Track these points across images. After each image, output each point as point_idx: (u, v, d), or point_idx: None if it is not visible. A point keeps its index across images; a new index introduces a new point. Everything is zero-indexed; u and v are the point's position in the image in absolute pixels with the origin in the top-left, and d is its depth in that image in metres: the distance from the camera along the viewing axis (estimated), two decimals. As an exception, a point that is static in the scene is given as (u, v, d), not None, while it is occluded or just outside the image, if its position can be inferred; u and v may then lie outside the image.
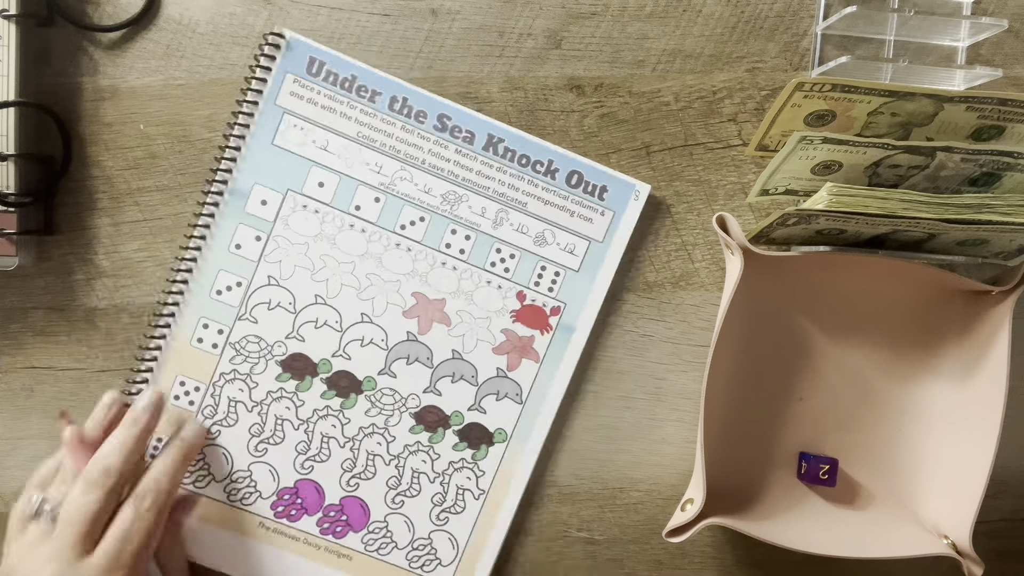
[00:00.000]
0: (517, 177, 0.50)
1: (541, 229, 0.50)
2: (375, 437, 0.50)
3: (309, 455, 0.50)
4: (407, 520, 0.50)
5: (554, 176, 0.50)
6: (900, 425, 0.51)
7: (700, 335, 0.52)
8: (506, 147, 0.49)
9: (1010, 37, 0.51)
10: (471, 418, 0.50)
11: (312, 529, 0.50)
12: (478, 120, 0.49)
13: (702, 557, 0.53)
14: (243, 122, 0.48)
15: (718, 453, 0.50)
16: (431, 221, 0.50)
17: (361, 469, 0.50)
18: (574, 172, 0.50)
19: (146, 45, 0.49)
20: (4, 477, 0.50)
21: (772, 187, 0.47)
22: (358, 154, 0.49)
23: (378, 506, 0.50)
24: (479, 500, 0.51)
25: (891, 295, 0.50)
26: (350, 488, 0.50)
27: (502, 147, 0.49)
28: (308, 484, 0.50)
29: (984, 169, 0.44)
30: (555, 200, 0.50)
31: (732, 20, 0.51)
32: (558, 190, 0.50)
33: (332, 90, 0.49)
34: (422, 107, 0.49)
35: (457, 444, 0.50)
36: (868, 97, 0.44)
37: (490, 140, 0.49)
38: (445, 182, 0.49)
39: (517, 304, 0.50)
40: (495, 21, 0.50)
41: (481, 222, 0.50)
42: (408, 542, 0.50)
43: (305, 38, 0.48)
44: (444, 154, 0.49)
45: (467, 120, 0.49)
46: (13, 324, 0.50)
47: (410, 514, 0.50)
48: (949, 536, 0.48)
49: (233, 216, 0.49)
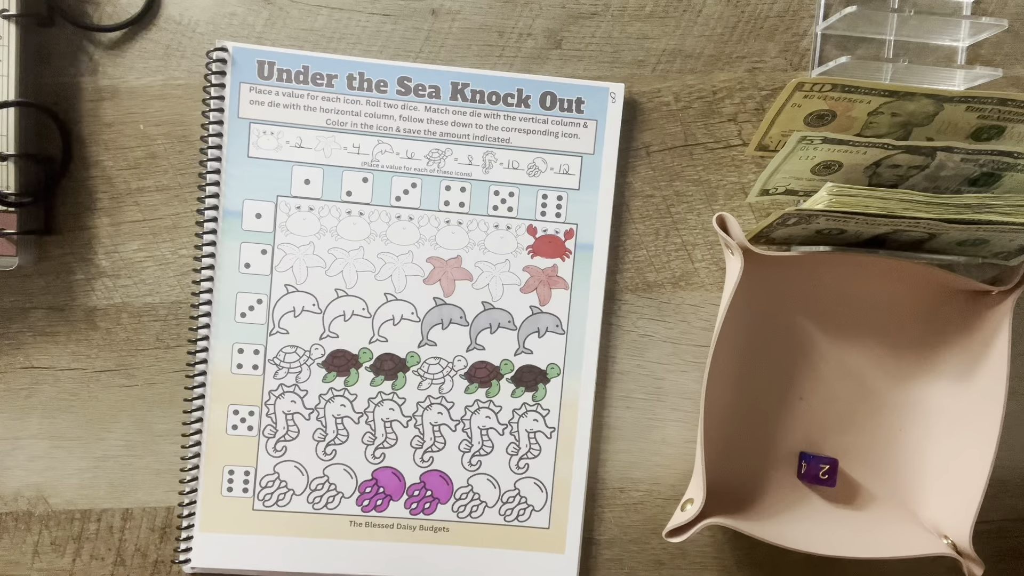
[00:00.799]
0: (492, 116, 0.49)
1: (531, 159, 0.50)
2: (434, 408, 0.50)
3: (377, 444, 0.50)
4: (490, 478, 0.51)
5: (527, 104, 0.50)
6: (900, 425, 0.51)
7: (700, 335, 0.52)
8: (472, 90, 0.49)
9: (1010, 37, 0.51)
10: (520, 362, 0.51)
11: (402, 513, 0.50)
12: (438, 72, 0.49)
13: (702, 557, 0.53)
14: (214, 144, 0.48)
15: (718, 453, 0.50)
16: (423, 184, 0.50)
17: (430, 442, 0.50)
18: (546, 94, 0.50)
19: (146, 45, 0.49)
20: (4, 477, 0.50)
21: (772, 187, 0.47)
22: (333, 141, 0.49)
23: (458, 473, 0.51)
24: (552, 438, 0.51)
25: (891, 295, 0.50)
26: (425, 463, 0.50)
27: (469, 91, 0.49)
28: (385, 472, 0.50)
29: (984, 169, 0.44)
30: (536, 127, 0.50)
31: (732, 20, 0.51)
32: (536, 116, 0.50)
33: (289, 87, 0.49)
34: (380, 76, 0.49)
35: (515, 391, 0.51)
36: (868, 97, 0.44)
37: (455, 88, 0.49)
38: (425, 142, 0.49)
39: (530, 239, 0.50)
40: (495, 21, 0.50)
41: (471, 171, 0.50)
42: (497, 498, 0.51)
43: (246, 44, 0.48)
44: (415, 115, 0.49)
45: (427, 76, 0.49)
46: (13, 324, 0.50)
47: (491, 471, 0.51)
48: (949, 536, 0.48)
49: (233, 237, 0.49)
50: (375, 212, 0.50)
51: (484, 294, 0.50)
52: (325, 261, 0.50)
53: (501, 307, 0.50)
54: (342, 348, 0.50)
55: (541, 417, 0.51)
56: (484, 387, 0.51)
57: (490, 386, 0.51)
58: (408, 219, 0.50)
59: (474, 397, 0.51)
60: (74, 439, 0.50)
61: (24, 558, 0.51)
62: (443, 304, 0.50)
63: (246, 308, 0.49)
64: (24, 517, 0.51)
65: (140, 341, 0.50)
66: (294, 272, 0.50)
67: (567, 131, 0.50)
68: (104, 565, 0.51)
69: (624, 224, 0.51)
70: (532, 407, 0.51)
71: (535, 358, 0.51)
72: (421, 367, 0.50)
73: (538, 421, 0.51)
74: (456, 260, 0.50)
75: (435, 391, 0.50)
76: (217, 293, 0.49)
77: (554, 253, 0.50)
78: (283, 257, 0.49)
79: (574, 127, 0.50)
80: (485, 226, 0.50)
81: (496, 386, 0.51)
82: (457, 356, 0.50)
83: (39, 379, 0.50)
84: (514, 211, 0.50)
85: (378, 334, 0.50)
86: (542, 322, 0.50)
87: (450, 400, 0.51)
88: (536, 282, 0.50)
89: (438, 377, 0.50)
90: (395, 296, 0.50)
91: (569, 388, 0.51)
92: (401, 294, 0.50)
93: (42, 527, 0.51)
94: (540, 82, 0.49)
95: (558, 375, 0.51)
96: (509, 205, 0.50)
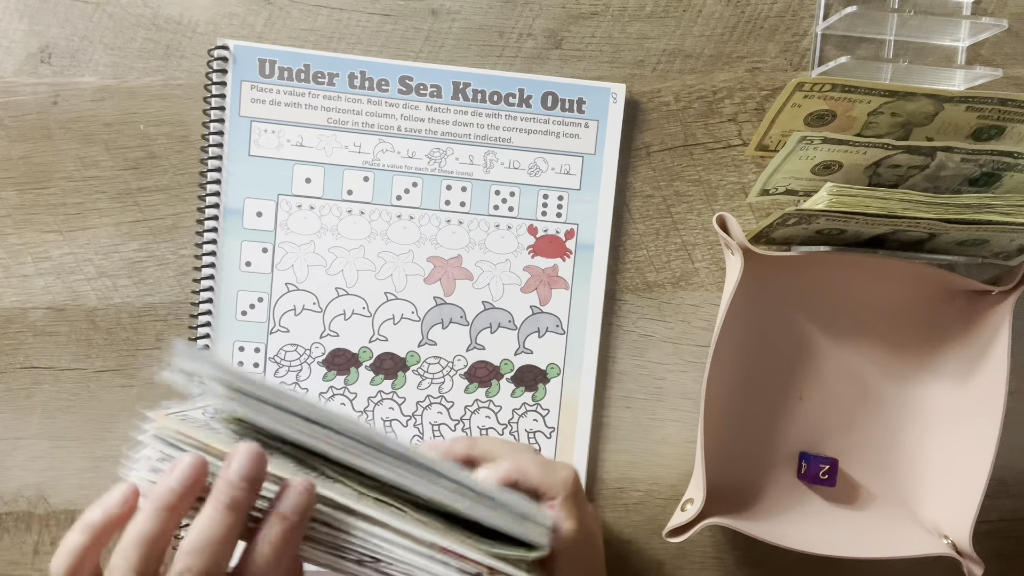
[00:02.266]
0: (494, 115, 0.49)
1: (532, 159, 0.50)
2: (434, 408, 0.50)
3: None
4: None
5: (529, 104, 0.50)
6: (900, 425, 0.51)
7: (700, 335, 0.52)
8: (474, 89, 0.49)
9: (1010, 37, 0.51)
10: (520, 362, 0.51)
11: None
12: (439, 72, 0.49)
13: (702, 557, 0.53)
14: (215, 142, 0.48)
15: (718, 453, 0.50)
16: (424, 184, 0.50)
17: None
18: (547, 94, 0.50)
19: (146, 45, 0.49)
20: (4, 477, 0.50)
21: (772, 187, 0.47)
22: (334, 140, 0.49)
23: None
24: (551, 438, 0.51)
25: (891, 295, 0.50)
26: None
27: (470, 91, 0.49)
28: None
29: (984, 169, 0.44)
30: (537, 127, 0.50)
31: (732, 20, 0.51)
32: (537, 116, 0.50)
33: (290, 85, 0.49)
34: (382, 76, 0.49)
35: (514, 391, 0.51)
36: (868, 97, 0.44)
37: (457, 88, 0.49)
38: (426, 142, 0.49)
39: (531, 239, 0.50)
40: (495, 21, 0.50)
41: (472, 170, 0.50)
42: None
43: (248, 42, 0.48)
44: (416, 115, 0.49)
45: (429, 75, 0.49)
46: (13, 324, 0.50)
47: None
48: (949, 536, 0.48)
49: (234, 235, 0.49)
50: (376, 211, 0.50)
51: (484, 294, 0.50)
52: (326, 260, 0.50)
53: (501, 307, 0.50)
54: (342, 347, 0.50)
55: (541, 417, 0.51)
56: (484, 387, 0.51)
57: (490, 386, 0.51)
58: (409, 218, 0.50)
59: (474, 397, 0.51)
60: (74, 439, 0.50)
61: (24, 558, 0.51)
62: (443, 303, 0.50)
63: (247, 307, 0.49)
64: (24, 517, 0.51)
65: (140, 341, 0.50)
66: (295, 271, 0.50)
67: (568, 131, 0.50)
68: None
69: (624, 224, 0.51)
70: (532, 407, 0.51)
71: (535, 358, 0.51)
72: (421, 366, 0.50)
73: (538, 421, 0.51)
74: (456, 260, 0.50)
75: (435, 391, 0.50)
76: (218, 291, 0.49)
77: (555, 253, 0.50)
78: (284, 256, 0.49)
79: (575, 127, 0.50)
80: (486, 226, 0.50)
81: (496, 386, 0.51)
82: (457, 356, 0.50)
83: (39, 379, 0.50)
84: (515, 211, 0.50)
85: (378, 333, 0.50)
86: (542, 322, 0.50)
87: (450, 400, 0.50)
88: (536, 282, 0.50)
89: (438, 377, 0.50)
90: (395, 295, 0.50)
91: (569, 388, 0.51)
92: (401, 293, 0.50)
93: (42, 527, 0.51)
94: (541, 82, 0.49)
95: (558, 375, 0.51)
96: (510, 205, 0.50)
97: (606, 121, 0.50)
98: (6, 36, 0.48)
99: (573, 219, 0.50)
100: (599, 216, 0.50)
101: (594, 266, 0.50)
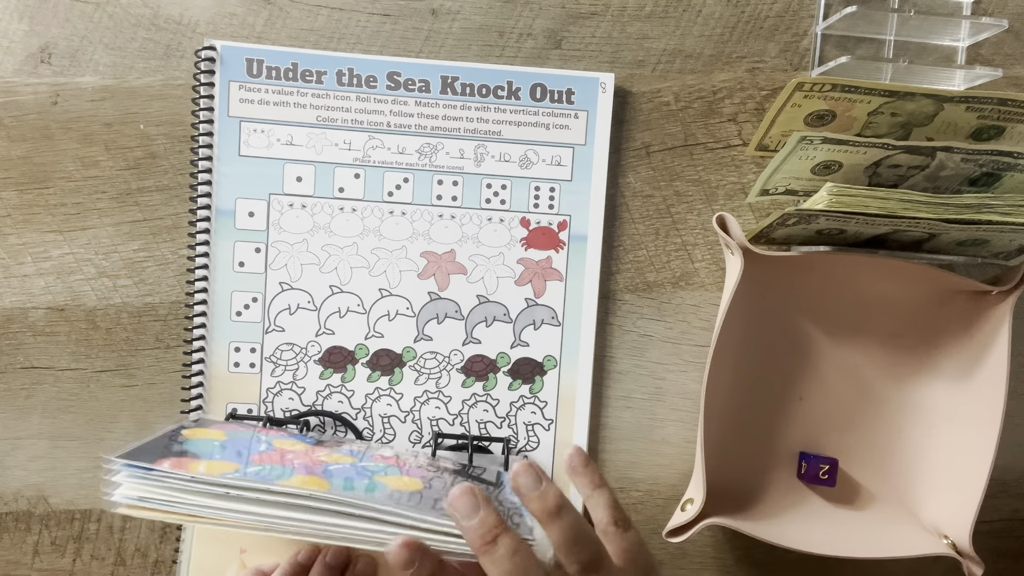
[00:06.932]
0: (483, 109, 0.49)
1: (523, 151, 0.50)
2: (432, 403, 0.50)
3: (375, 439, 0.50)
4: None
5: (518, 96, 0.50)
6: (900, 425, 0.51)
7: (700, 335, 0.52)
8: (462, 83, 0.49)
9: (1010, 37, 0.51)
10: (516, 355, 0.51)
11: None
12: (427, 66, 0.49)
13: (702, 557, 0.53)
14: (205, 143, 0.48)
15: (718, 453, 0.50)
16: (415, 179, 0.50)
17: (429, 437, 0.50)
18: (536, 85, 0.49)
19: (146, 45, 0.49)
20: (4, 477, 0.50)
21: (772, 187, 0.47)
22: (324, 138, 0.49)
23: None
24: (550, 431, 0.51)
25: (891, 295, 0.50)
26: None
27: (459, 84, 0.49)
28: None
29: (984, 169, 0.44)
30: (526, 119, 0.50)
31: (732, 20, 0.51)
32: (526, 108, 0.50)
33: (278, 84, 0.49)
34: (370, 72, 0.49)
35: (511, 384, 0.51)
36: (868, 97, 0.44)
37: (445, 82, 0.49)
38: (416, 137, 0.49)
39: (524, 231, 0.50)
40: (495, 21, 0.50)
41: (463, 164, 0.50)
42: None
43: (235, 42, 0.48)
44: (405, 110, 0.49)
45: (417, 70, 0.49)
46: (13, 324, 0.50)
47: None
48: (949, 536, 0.48)
49: (227, 236, 0.49)
50: (368, 208, 0.50)
51: (479, 287, 0.50)
52: (319, 258, 0.50)
53: (496, 300, 0.50)
54: (338, 344, 0.50)
55: (539, 409, 0.51)
56: (481, 381, 0.51)
57: (487, 379, 0.51)
58: (401, 214, 0.50)
59: (471, 391, 0.51)
60: (74, 439, 0.50)
61: (24, 558, 0.51)
62: (438, 298, 0.50)
63: (241, 307, 0.49)
64: (24, 517, 0.51)
65: (140, 341, 0.50)
66: (288, 270, 0.49)
67: (558, 122, 0.50)
68: (104, 565, 0.51)
69: (624, 224, 0.51)
70: (529, 400, 0.51)
71: (531, 350, 0.51)
72: (417, 362, 0.50)
73: (536, 414, 0.51)
74: (450, 254, 0.50)
75: (432, 386, 0.50)
76: (212, 292, 0.49)
77: (548, 244, 0.50)
78: (277, 255, 0.49)
79: (565, 118, 0.50)
80: (478, 219, 0.50)
81: (493, 379, 0.51)
82: (453, 350, 0.50)
83: (39, 379, 0.50)
84: (507, 203, 0.50)
85: (374, 330, 0.50)
86: (537, 314, 0.50)
87: (447, 394, 0.51)
88: (531, 274, 0.50)
89: (435, 372, 0.50)
90: (390, 291, 0.50)
91: (566, 380, 0.51)
92: (396, 289, 0.50)
93: (42, 527, 0.51)
94: (530, 74, 0.49)
95: (555, 367, 0.51)
96: (502, 197, 0.50)
97: (595, 111, 0.50)
98: (6, 36, 0.48)
99: (565, 210, 0.50)
100: (591, 207, 0.50)
101: (588, 257, 0.50)
